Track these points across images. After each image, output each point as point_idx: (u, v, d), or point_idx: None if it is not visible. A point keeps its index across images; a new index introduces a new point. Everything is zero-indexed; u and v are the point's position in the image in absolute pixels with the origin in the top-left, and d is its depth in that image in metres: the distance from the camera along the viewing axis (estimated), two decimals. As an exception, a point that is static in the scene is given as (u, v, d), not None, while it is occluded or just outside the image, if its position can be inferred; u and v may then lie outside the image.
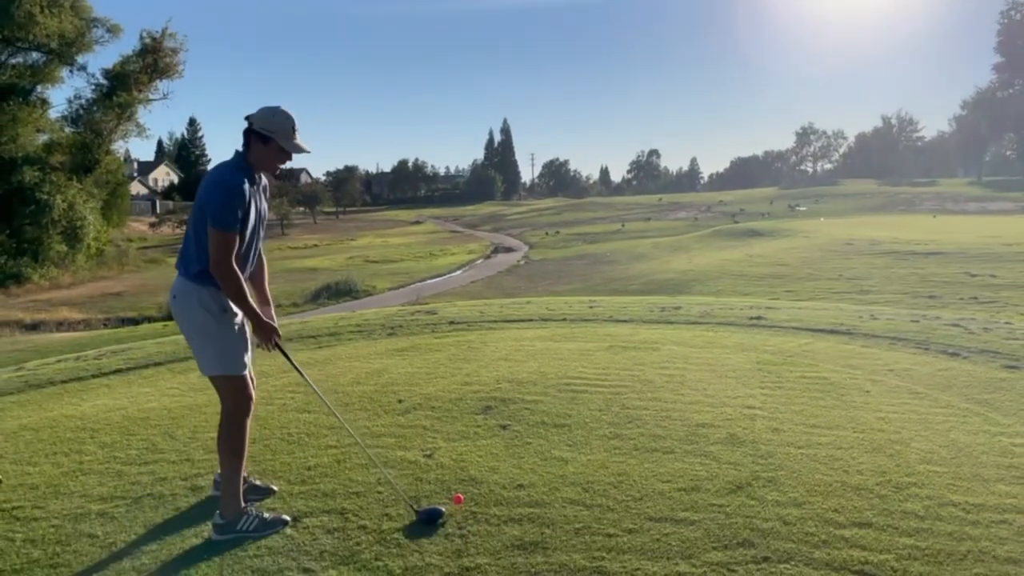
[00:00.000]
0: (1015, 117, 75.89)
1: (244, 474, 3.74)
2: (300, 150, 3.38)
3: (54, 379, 6.71)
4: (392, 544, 3.16)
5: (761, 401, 4.98)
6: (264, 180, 3.48)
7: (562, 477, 3.79)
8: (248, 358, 3.44)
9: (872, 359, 6.20)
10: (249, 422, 3.45)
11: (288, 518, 3.42)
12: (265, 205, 3.50)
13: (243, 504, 3.40)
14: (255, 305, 3.34)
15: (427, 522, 3.31)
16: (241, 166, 3.30)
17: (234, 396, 3.38)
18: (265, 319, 3.36)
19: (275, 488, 3.76)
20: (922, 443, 4.15)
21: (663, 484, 3.67)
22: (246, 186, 3.23)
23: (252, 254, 3.45)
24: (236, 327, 3.37)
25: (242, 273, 3.28)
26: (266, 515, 3.39)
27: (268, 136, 3.29)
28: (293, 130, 3.34)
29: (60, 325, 25.13)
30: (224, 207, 3.15)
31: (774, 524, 3.23)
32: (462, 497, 3.52)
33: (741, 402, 4.96)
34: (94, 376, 6.79)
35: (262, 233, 3.50)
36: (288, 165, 3.48)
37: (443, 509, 3.39)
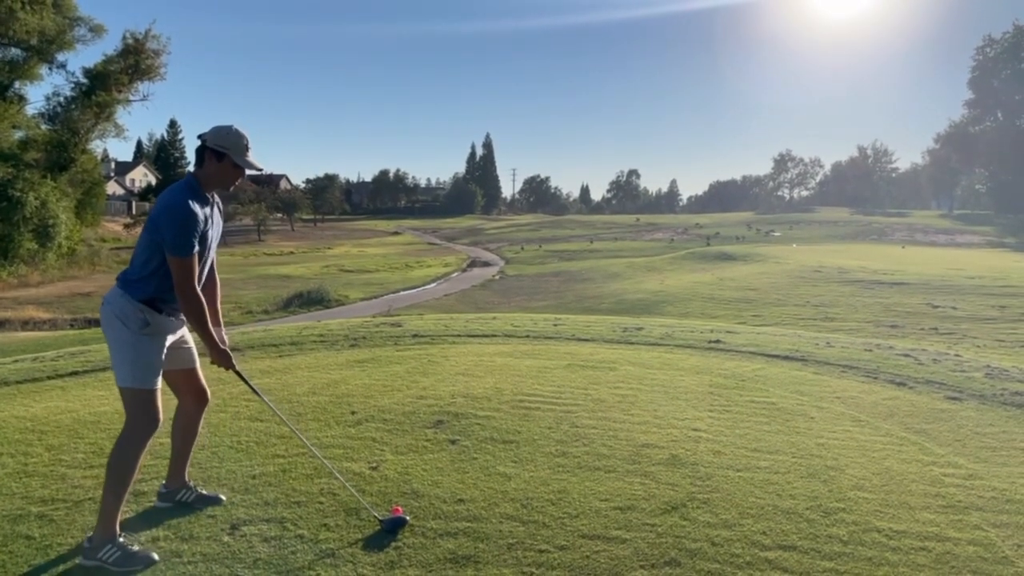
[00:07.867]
0: (985, 153, 77.43)
1: (188, 482, 3.77)
2: (253, 167, 3.44)
3: (8, 379, 6.65)
4: (327, 555, 3.21)
5: (707, 424, 5.08)
6: (217, 198, 3.51)
7: (503, 493, 3.85)
8: (159, 377, 3.34)
9: (822, 386, 6.34)
10: (147, 447, 3.29)
11: (156, 557, 3.18)
12: (220, 220, 3.54)
13: (116, 532, 3.21)
14: (212, 330, 3.37)
15: (391, 531, 3.39)
16: (193, 186, 3.32)
17: (140, 412, 3.25)
18: (221, 346, 3.42)
19: (222, 497, 3.75)
20: (856, 470, 4.26)
21: (600, 502, 3.74)
22: (198, 208, 3.26)
23: (205, 270, 3.48)
24: (155, 343, 3.31)
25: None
26: (134, 548, 3.19)
27: (222, 152, 3.34)
28: (246, 147, 3.39)
29: (26, 324, 24.83)
30: (180, 234, 3.18)
31: (702, 545, 3.31)
32: (401, 510, 3.57)
33: (688, 424, 5.06)
34: (49, 378, 6.74)
35: (214, 251, 3.54)
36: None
37: (407, 518, 3.49)
